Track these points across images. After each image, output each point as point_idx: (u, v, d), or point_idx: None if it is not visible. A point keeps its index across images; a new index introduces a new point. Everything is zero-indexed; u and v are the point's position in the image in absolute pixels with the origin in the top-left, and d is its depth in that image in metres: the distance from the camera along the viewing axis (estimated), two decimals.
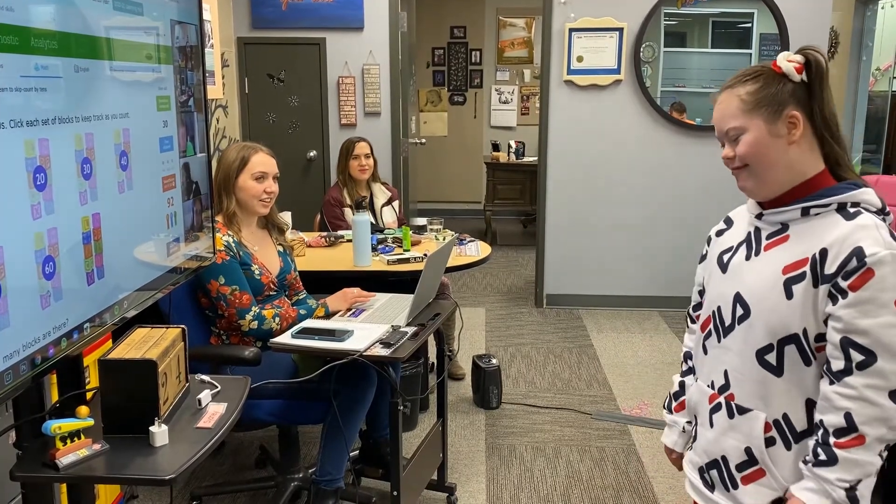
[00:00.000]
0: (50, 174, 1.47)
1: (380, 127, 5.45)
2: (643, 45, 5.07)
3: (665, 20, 5.60)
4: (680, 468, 1.63)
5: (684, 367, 1.65)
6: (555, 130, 5.16)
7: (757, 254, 1.40)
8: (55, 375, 1.70)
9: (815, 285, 1.29)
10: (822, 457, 1.28)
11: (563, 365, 4.27)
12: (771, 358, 1.35)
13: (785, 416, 1.35)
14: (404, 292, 2.82)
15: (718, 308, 1.45)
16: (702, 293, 1.59)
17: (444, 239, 3.72)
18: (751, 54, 5.75)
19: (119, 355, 1.60)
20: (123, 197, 1.78)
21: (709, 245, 1.56)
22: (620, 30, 4.95)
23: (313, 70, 5.45)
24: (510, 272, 6.38)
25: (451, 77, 8.65)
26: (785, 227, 1.37)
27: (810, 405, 1.34)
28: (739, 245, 1.45)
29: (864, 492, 1.27)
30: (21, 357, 1.41)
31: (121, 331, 1.78)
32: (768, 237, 1.39)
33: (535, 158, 5.65)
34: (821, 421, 1.29)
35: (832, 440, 1.27)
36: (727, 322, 1.43)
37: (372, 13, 5.32)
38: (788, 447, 1.35)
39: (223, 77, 5.08)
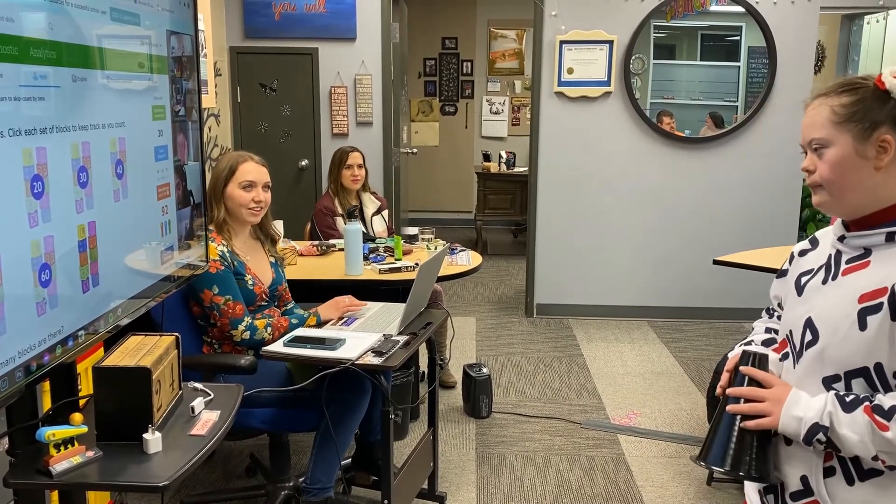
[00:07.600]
0: (47, 182, 1.49)
1: (371, 137, 5.48)
2: (633, 58, 5.12)
3: (654, 33, 5.67)
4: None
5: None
6: (545, 141, 5.19)
7: (834, 278, 1.29)
8: (48, 383, 1.70)
9: (894, 318, 1.18)
10: (850, 401, 1.20)
11: (553, 374, 4.29)
12: (838, 388, 1.25)
13: None
14: (396, 301, 2.84)
15: (790, 332, 1.36)
16: (779, 306, 1.51)
17: (435, 248, 3.74)
18: (739, 67, 5.83)
19: (113, 363, 1.61)
20: (118, 205, 1.79)
21: (790, 263, 1.46)
22: (610, 42, 5.00)
23: (305, 80, 5.47)
24: (500, 282, 6.40)
25: (442, 87, 8.69)
26: (867, 252, 1.27)
27: None
28: (819, 268, 1.35)
29: (839, 454, 1.22)
30: (16, 364, 1.42)
31: (113, 339, 1.79)
32: (848, 261, 1.29)
33: (526, 169, 5.69)
34: (880, 398, 1.20)
35: (874, 411, 1.18)
36: (797, 347, 1.33)
37: (364, 24, 5.35)
38: (850, 482, 1.25)
39: (216, 86, 5.10)
